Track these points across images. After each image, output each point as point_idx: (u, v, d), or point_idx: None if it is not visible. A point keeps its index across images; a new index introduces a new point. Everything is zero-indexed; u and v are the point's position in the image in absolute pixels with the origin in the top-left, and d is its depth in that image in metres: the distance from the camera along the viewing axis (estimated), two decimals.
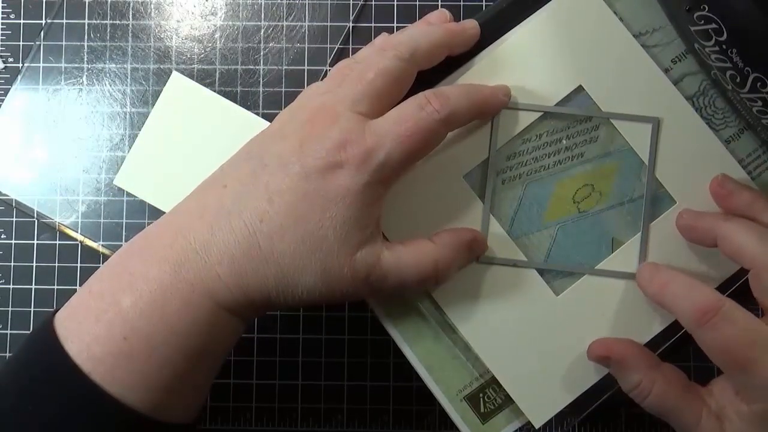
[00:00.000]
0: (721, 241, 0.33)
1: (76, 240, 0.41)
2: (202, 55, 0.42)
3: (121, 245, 0.41)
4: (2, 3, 0.42)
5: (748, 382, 0.30)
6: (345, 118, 0.31)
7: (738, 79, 0.32)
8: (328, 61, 0.42)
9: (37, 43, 0.42)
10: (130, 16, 0.42)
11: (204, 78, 0.42)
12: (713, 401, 0.32)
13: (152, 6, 0.42)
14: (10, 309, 0.42)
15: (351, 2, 0.42)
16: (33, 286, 0.42)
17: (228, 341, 0.32)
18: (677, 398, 0.32)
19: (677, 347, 0.35)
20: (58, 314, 0.31)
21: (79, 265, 0.42)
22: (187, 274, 0.30)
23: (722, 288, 0.35)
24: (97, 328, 0.29)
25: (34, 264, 0.42)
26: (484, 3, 0.42)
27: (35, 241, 0.42)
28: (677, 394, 0.32)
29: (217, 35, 0.42)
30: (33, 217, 0.42)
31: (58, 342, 0.29)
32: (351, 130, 0.30)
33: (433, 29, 0.34)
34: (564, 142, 0.36)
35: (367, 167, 0.30)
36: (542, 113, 0.36)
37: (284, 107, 0.35)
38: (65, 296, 0.35)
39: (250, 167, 0.31)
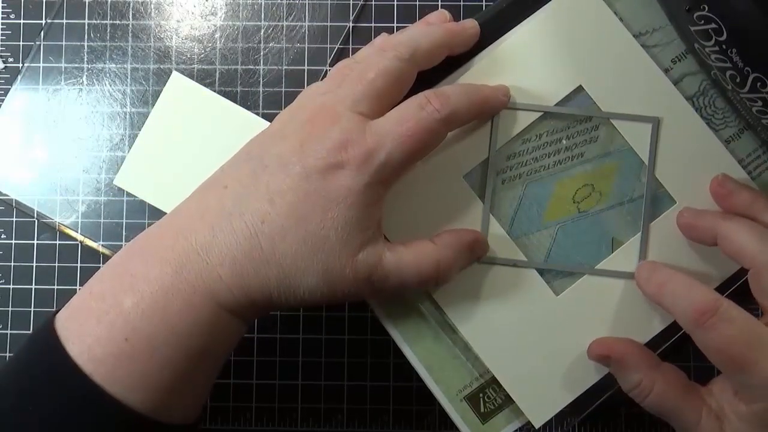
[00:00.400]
0: (722, 241, 0.33)
1: (76, 240, 0.41)
2: (202, 55, 0.42)
3: (122, 245, 0.41)
4: (2, 3, 0.42)
5: (746, 382, 0.30)
6: (345, 118, 0.31)
7: (738, 79, 0.32)
8: (328, 61, 0.42)
9: (37, 43, 0.42)
10: (130, 16, 0.42)
11: (204, 78, 0.42)
12: (713, 401, 0.32)
13: (152, 6, 0.42)
14: (10, 309, 0.41)
15: (351, 2, 0.42)
16: (33, 286, 0.42)
17: (229, 342, 0.32)
18: (677, 398, 0.32)
19: (677, 347, 0.35)
20: (58, 315, 0.31)
21: (79, 265, 0.42)
22: (189, 275, 0.30)
23: (722, 288, 0.35)
24: (99, 329, 0.29)
25: (34, 264, 0.42)
26: (484, 3, 0.42)
27: (35, 241, 0.42)
28: (677, 394, 0.32)
29: (217, 35, 0.42)
30: (33, 217, 0.42)
31: (59, 343, 0.29)
32: (351, 130, 0.30)
33: (433, 29, 0.34)
34: (564, 142, 0.36)
35: (368, 167, 0.30)
36: (542, 113, 0.36)
37: (284, 107, 0.35)
38: (65, 296, 0.35)
39: (251, 168, 0.31)
